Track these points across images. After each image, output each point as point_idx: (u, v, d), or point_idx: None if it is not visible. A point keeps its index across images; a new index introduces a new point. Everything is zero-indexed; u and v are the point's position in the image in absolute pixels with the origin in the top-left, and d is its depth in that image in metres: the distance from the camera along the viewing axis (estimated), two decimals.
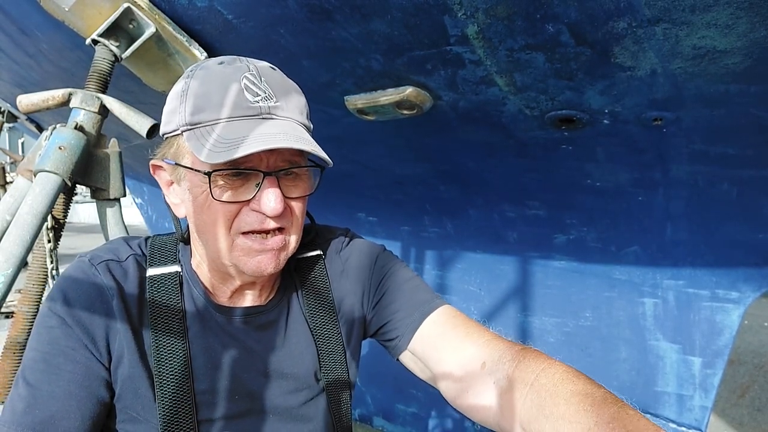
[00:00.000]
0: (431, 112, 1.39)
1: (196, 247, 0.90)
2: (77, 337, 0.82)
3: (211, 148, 0.76)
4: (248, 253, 0.82)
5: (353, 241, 1.05)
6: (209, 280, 0.90)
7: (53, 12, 1.35)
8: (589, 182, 1.66)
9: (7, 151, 5.87)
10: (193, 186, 0.82)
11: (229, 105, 0.78)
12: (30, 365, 0.81)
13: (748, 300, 1.76)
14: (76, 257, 0.88)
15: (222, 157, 0.73)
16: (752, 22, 0.86)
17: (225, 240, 0.82)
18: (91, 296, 0.83)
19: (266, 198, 0.78)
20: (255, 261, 0.82)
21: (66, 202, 1.45)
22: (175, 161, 0.83)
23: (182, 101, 0.80)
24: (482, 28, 1.02)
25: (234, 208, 0.80)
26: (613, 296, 2.02)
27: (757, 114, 1.13)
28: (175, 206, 0.88)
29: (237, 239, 0.82)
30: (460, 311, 0.98)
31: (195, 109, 0.78)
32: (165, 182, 0.88)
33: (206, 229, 0.83)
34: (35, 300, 1.44)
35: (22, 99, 1.38)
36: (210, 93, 0.79)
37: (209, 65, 0.82)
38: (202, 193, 0.81)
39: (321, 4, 1.06)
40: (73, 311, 0.82)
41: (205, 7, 1.19)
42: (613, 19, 0.93)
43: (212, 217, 0.81)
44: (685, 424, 1.88)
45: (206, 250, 0.87)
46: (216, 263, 0.87)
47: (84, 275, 0.84)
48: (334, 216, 2.84)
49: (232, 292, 0.90)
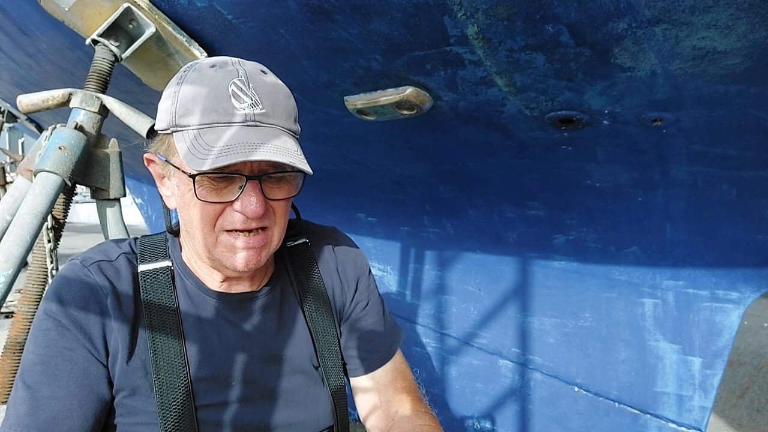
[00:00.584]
0: (431, 112, 1.39)
1: (186, 239, 0.92)
2: (74, 337, 0.83)
3: (194, 153, 0.78)
4: (231, 249, 0.85)
5: (343, 237, 1.11)
6: (201, 270, 0.93)
7: (53, 12, 1.35)
8: (588, 183, 1.66)
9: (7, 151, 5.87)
10: (180, 183, 0.86)
11: (217, 111, 0.80)
12: (29, 368, 0.82)
13: (747, 300, 1.76)
14: (68, 260, 0.90)
15: (204, 165, 0.77)
16: (752, 23, 0.86)
17: (209, 236, 0.86)
18: (85, 296, 0.85)
19: (247, 201, 0.81)
20: (237, 257, 0.85)
21: (66, 202, 1.45)
22: (166, 158, 0.86)
23: (173, 102, 0.83)
24: (482, 29, 1.02)
25: (218, 208, 0.84)
26: (613, 297, 2.02)
27: (757, 115, 1.13)
28: (166, 198, 0.92)
29: (221, 236, 0.85)
30: (403, 359, 1.10)
31: (184, 112, 0.81)
32: (157, 175, 0.91)
33: (192, 225, 0.86)
34: (35, 300, 1.44)
35: (22, 99, 1.38)
36: (198, 97, 0.81)
37: (201, 67, 0.84)
38: (188, 191, 0.84)
39: (321, 4, 1.06)
40: (69, 312, 0.84)
41: (205, 7, 1.19)
42: (612, 19, 0.93)
43: (197, 214, 0.85)
44: (685, 424, 1.88)
45: (193, 244, 0.90)
46: (203, 256, 0.90)
47: (76, 276, 0.86)
48: (334, 216, 2.84)
49: (223, 279, 0.93)
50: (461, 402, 2.50)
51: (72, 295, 0.84)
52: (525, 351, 2.24)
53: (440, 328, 2.55)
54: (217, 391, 0.88)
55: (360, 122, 1.50)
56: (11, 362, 1.42)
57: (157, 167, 0.90)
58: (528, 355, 2.23)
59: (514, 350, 2.27)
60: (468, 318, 2.43)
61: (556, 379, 2.15)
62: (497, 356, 2.33)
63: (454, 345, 2.50)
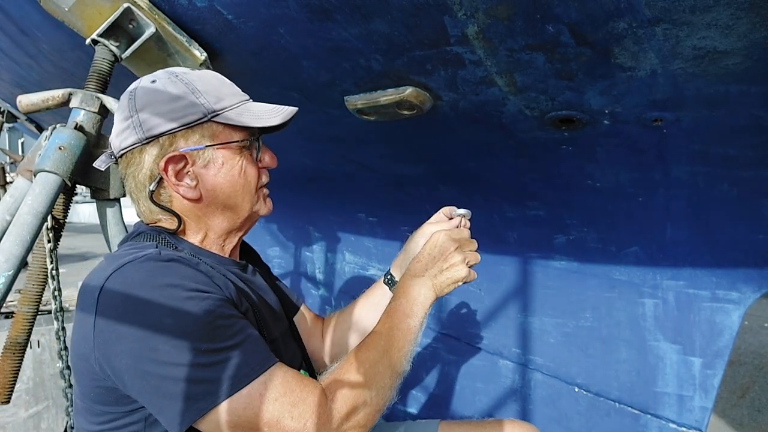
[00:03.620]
0: (431, 112, 1.39)
1: (203, 223, 1.07)
2: (218, 297, 0.91)
3: (254, 119, 1.02)
4: (265, 198, 1.12)
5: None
6: (215, 248, 1.09)
7: (53, 12, 1.35)
8: (589, 182, 1.66)
9: (7, 151, 5.87)
10: (226, 161, 1.02)
11: (237, 94, 1.05)
12: (203, 337, 0.84)
13: (748, 301, 1.76)
14: (122, 263, 0.90)
15: (273, 120, 1.03)
16: (753, 23, 0.86)
17: (255, 195, 1.08)
18: (195, 274, 0.93)
19: (270, 155, 1.11)
20: (268, 203, 1.13)
21: (66, 202, 1.45)
22: (206, 145, 1.00)
23: (197, 96, 0.98)
24: (482, 28, 1.02)
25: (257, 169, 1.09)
26: (613, 297, 2.02)
27: (758, 114, 1.13)
28: (187, 189, 1.02)
29: (260, 192, 1.11)
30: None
31: (216, 99, 1.00)
32: (176, 172, 1.01)
33: (237, 192, 1.05)
34: (35, 300, 1.44)
35: (22, 99, 1.38)
36: (218, 86, 1.03)
37: (177, 73, 1.02)
38: (238, 162, 1.03)
39: (321, 4, 1.06)
40: (198, 286, 0.90)
41: (205, 7, 1.19)
42: (613, 19, 0.93)
43: (253, 175, 1.07)
44: (686, 424, 1.88)
45: (226, 217, 1.07)
46: (233, 224, 1.08)
47: (171, 266, 0.92)
48: (333, 216, 2.84)
49: (231, 251, 1.12)
50: (461, 402, 2.50)
51: (185, 273, 0.90)
52: (525, 351, 2.24)
53: (440, 328, 2.55)
54: (267, 332, 1.05)
55: (360, 122, 1.50)
56: (11, 362, 1.42)
57: (179, 165, 1.00)
58: (528, 355, 2.23)
59: (515, 350, 2.26)
60: (468, 318, 2.43)
61: (557, 379, 2.15)
62: (497, 356, 2.33)
63: (454, 345, 2.50)
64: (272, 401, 0.85)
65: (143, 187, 1.02)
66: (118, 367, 0.85)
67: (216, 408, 0.82)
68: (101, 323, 0.86)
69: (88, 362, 0.89)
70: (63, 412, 2.62)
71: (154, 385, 0.83)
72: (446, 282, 1.10)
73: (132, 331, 0.84)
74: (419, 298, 1.08)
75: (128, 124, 0.99)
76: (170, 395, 0.82)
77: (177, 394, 0.82)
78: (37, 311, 1.44)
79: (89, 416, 0.95)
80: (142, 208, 1.06)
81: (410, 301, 1.07)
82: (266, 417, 0.84)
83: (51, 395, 2.65)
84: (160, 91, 0.97)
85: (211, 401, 0.82)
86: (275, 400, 0.85)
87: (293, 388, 0.88)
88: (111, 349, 0.85)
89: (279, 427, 0.85)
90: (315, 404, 0.87)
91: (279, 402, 0.85)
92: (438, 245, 1.11)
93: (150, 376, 0.83)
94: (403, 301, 1.08)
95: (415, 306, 1.07)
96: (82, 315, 0.90)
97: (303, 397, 0.87)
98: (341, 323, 1.38)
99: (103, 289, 0.87)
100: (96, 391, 0.91)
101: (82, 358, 0.91)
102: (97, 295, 0.87)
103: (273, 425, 0.85)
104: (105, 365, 0.86)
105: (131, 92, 1.01)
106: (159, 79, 1.00)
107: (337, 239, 2.93)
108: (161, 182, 1.02)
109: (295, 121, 1.08)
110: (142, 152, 1.00)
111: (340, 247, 2.92)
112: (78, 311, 0.93)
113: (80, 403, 0.97)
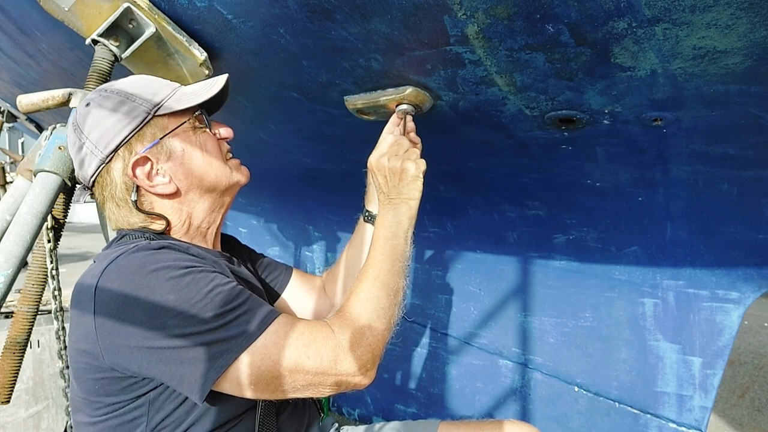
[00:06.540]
0: (431, 112, 1.39)
1: (185, 214, 1.10)
2: (212, 269, 0.96)
3: (193, 97, 1.07)
4: (237, 167, 1.16)
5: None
6: (198, 239, 1.13)
7: (53, 12, 1.35)
8: (589, 182, 1.66)
9: (7, 151, 5.86)
10: (185, 145, 1.07)
11: (169, 84, 1.11)
12: (207, 305, 0.88)
13: (748, 300, 1.76)
14: (115, 257, 0.93)
15: (208, 94, 1.08)
16: (753, 23, 0.86)
17: (224, 165, 1.12)
18: (187, 256, 0.98)
19: (224, 126, 1.17)
20: (243, 171, 1.17)
21: (66, 202, 1.45)
22: (160, 138, 1.05)
23: (132, 100, 1.04)
24: (482, 28, 1.02)
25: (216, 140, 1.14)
26: (613, 296, 2.02)
27: (758, 114, 1.13)
28: (163, 185, 1.06)
29: (228, 163, 1.14)
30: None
31: (152, 95, 1.05)
32: (146, 174, 1.05)
33: (208, 168, 1.08)
34: (35, 300, 1.44)
35: (22, 99, 1.38)
36: (149, 85, 1.09)
37: (107, 89, 1.09)
38: (195, 141, 1.08)
39: (321, 4, 1.06)
40: (192, 263, 0.94)
41: (205, 7, 1.19)
42: (613, 19, 0.93)
43: (214, 148, 1.11)
44: (685, 424, 1.88)
45: (206, 197, 1.11)
46: (214, 201, 1.12)
47: (162, 252, 0.96)
48: (334, 216, 2.84)
49: (213, 241, 1.17)
50: (461, 402, 2.50)
51: (177, 256, 0.95)
52: (525, 351, 2.24)
53: (440, 328, 2.55)
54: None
55: (360, 122, 1.50)
56: (11, 362, 1.42)
57: (146, 166, 1.05)
58: (528, 355, 2.23)
59: (515, 350, 2.27)
60: (468, 318, 2.43)
61: (557, 378, 2.15)
62: (497, 356, 2.33)
63: (454, 345, 2.50)
64: (287, 347, 0.89)
65: (125, 203, 1.07)
66: (128, 354, 0.87)
67: (235, 363, 0.86)
68: (102, 315, 0.88)
69: (91, 357, 0.91)
70: (63, 411, 2.62)
71: (170, 356, 0.86)
72: (407, 189, 1.17)
73: (137, 314, 0.86)
74: (395, 219, 1.15)
75: (85, 152, 1.05)
76: (189, 360, 0.85)
77: (195, 358, 0.85)
78: (37, 311, 1.43)
79: (90, 410, 0.96)
80: (131, 221, 1.09)
81: (387, 225, 1.14)
82: (285, 362, 0.88)
83: (51, 395, 2.65)
84: (98, 110, 1.03)
85: (230, 357, 0.85)
86: (289, 345, 0.89)
87: (303, 332, 0.92)
88: (117, 339, 0.87)
89: (299, 368, 0.90)
90: (325, 339, 0.92)
91: (293, 346, 0.89)
92: (377, 171, 1.20)
93: (165, 350, 0.85)
94: (381, 229, 1.14)
95: (392, 227, 1.14)
96: (80, 311, 0.91)
97: (313, 336, 0.92)
98: (337, 273, 1.46)
99: (100, 282, 0.89)
100: (100, 383, 0.93)
101: (83, 353, 0.92)
102: (94, 290, 0.89)
103: (293, 368, 0.89)
104: (113, 355, 0.88)
105: (74, 123, 1.07)
106: (92, 100, 1.07)
107: (337, 239, 2.93)
108: (139, 190, 1.07)
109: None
110: (108, 171, 1.06)
111: (340, 247, 2.92)
112: (74, 309, 0.94)
113: (80, 400, 0.98)
